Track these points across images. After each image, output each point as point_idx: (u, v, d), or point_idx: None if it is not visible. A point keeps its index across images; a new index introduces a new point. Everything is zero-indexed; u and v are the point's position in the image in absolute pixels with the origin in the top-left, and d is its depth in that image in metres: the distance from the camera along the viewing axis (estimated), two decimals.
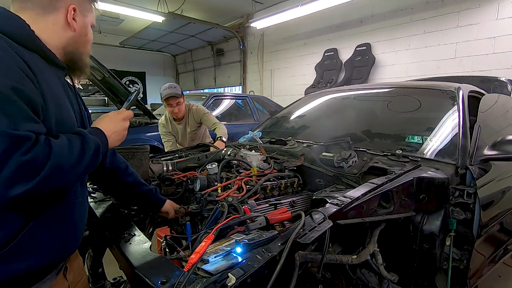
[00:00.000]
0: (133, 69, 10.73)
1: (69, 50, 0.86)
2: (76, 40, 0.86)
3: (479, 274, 1.52)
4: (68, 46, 0.85)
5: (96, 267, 1.51)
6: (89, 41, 0.92)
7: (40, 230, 0.74)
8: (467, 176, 1.30)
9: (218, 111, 4.89)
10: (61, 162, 0.66)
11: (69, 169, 0.68)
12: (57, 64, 0.83)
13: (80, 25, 0.86)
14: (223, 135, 2.48)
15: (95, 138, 0.77)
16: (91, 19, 0.91)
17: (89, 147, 0.74)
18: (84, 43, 0.90)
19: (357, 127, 1.93)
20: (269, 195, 1.36)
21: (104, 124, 0.86)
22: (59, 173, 0.66)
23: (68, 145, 0.69)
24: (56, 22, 0.81)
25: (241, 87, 8.80)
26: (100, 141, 0.79)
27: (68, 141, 0.70)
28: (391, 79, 5.36)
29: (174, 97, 2.56)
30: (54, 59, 0.81)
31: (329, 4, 5.15)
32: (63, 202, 0.80)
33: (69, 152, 0.68)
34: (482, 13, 4.29)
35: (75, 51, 0.88)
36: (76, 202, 0.85)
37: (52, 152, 0.64)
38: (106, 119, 0.89)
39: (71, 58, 0.88)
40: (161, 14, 6.29)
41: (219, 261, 0.74)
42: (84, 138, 0.74)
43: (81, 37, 0.88)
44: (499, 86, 2.84)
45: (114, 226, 1.11)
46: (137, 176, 1.21)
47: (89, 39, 0.92)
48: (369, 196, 1.04)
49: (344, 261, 0.93)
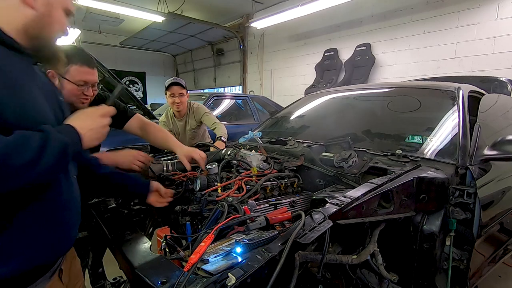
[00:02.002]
0: (133, 69, 10.73)
1: (32, 34, 0.76)
2: (37, 21, 0.76)
3: (479, 274, 1.52)
4: (29, 28, 0.75)
5: (96, 267, 1.51)
6: (55, 23, 0.80)
7: (16, 233, 0.70)
8: (467, 176, 1.30)
9: (218, 111, 4.89)
10: (6, 162, 0.59)
11: (21, 170, 0.62)
12: (18, 50, 0.74)
13: (42, 3, 0.76)
14: (223, 135, 2.48)
15: (62, 137, 0.70)
16: (62, 1, 0.81)
17: (52, 146, 0.66)
18: (49, 25, 0.79)
19: (357, 127, 1.93)
20: (269, 195, 1.35)
21: (79, 121, 0.78)
22: (5, 174, 0.59)
23: (19, 143, 0.62)
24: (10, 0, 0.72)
25: (241, 87, 8.80)
26: (69, 140, 0.71)
27: (21, 139, 0.62)
28: (391, 79, 5.36)
29: (178, 85, 2.58)
30: (13, 44, 0.72)
31: (329, 4, 5.15)
32: (42, 201, 0.74)
33: (19, 151, 0.61)
34: (482, 13, 4.29)
35: (39, 34, 0.77)
36: (60, 200, 0.79)
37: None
38: (82, 115, 0.81)
39: (37, 43, 0.78)
40: (161, 14, 6.30)
41: (219, 261, 0.74)
42: (47, 136, 0.66)
43: (44, 18, 0.77)
44: (499, 86, 2.84)
45: (114, 226, 1.11)
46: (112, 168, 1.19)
47: (54, 20, 0.80)
48: (369, 196, 1.04)
49: (344, 261, 0.93)
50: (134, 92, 9.73)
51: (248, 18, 7.67)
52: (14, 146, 0.61)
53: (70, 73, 1.29)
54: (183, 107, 2.70)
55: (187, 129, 2.82)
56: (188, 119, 2.80)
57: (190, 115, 2.79)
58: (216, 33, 8.44)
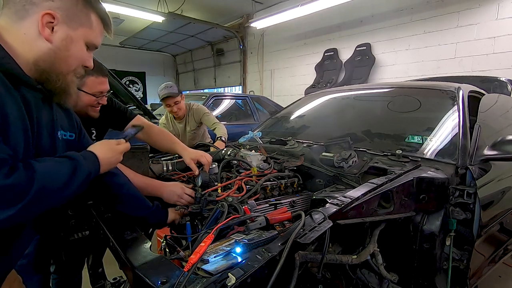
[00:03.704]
0: (133, 69, 10.74)
1: (42, 67, 0.72)
2: (51, 55, 0.72)
3: (479, 274, 1.52)
4: (40, 61, 0.72)
5: (96, 267, 1.51)
6: (71, 58, 0.77)
7: None
8: (467, 176, 1.30)
9: (218, 111, 4.89)
10: (47, 186, 0.62)
11: (55, 194, 0.65)
12: (24, 82, 0.70)
13: (60, 37, 0.73)
14: (222, 135, 2.48)
15: (88, 165, 0.75)
16: (85, 35, 0.78)
17: (81, 172, 0.71)
18: (63, 60, 0.75)
19: (357, 127, 1.93)
20: (269, 195, 1.35)
21: (102, 153, 0.84)
22: (44, 198, 0.62)
23: (56, 169, 0.66)
24: (29, 30, 0.69)
25: (241, 87, 8.80)
26: (92, 169, 0.77)
27: (56, 165, 0.67)
28: (391, 79, 5.36)
29: (170, 97, 2.56)
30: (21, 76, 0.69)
31: (329, 4, 5.16)
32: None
33: (56, 176, 0.65)
34: (482, 13, 4.29)
35: (50, 69, 0.74)
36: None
37: (35, 176, 0.60)
38: (107, 147, 0.87)
39: (45, 77, 0.74)
40: (161, 14, 6.30)
41: (219, 261, 0.74)
42: (77, 163, 0.72)
43: (60, 52, 0.73)
44: (499, 86, 2.84)
45: (114, 226, 1.11)
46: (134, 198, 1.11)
47: (71, 55, 0.76)
48: (369, 196, 1.04)
49: (344, 261, 0.93)
50: (134, 92, 9.72)
51: (248, 18, 7.67)
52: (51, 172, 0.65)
53: (87, 85, 1.27)
54: (181, 112, 2.71)
55: (187, 130, 2.82)
56: (188, 121, 2.80)
57: (189, 117, 2.79)
58: (216, 33, 8.44)
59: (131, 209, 1.12)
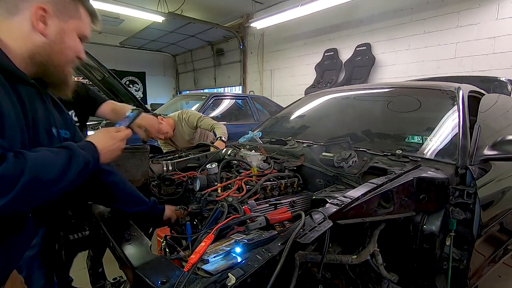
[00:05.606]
0: (133, 69, 10.73)
1: (38, 60, 0.73)
2: (46, 48, 0.74)
3: (479, 274, 1.52)
4: (36, 54, 0.73)
5: (96, 267, 1.51)
6: (67, 50, 0.78)
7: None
8: (467, 176, 1.30)
9: (218, 111, 4.89)
10: (39, 177, 0.61)
11: (50, 184, 0.64)
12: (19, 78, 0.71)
13: (54, 30, 0.74)
14: (222, 134, 2.48)
15: (85, 154, 0.73)
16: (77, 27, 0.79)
17: (77, 162, 0.70)
18: (59, 52, 0.76)
19: (357, 127, 1.93)
20: (269, 195, 1.36)
21: (101, 141, 0.82)
22: (38, 188, 0.62)
23: (49, 159, 0.65)
24: (21, 25, 0.70)
25: (241, 87, 8.80)
26: (90, 157, 0.75)
27: (50, 155, 0.66)
28: (391, 79, 5.36)
29: None
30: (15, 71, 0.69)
31: (329, 4, 5.16)
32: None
33: (50, 166, 0.64)
34: (482, 13, 4.29)
35: (47, 61, 0.75)
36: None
37: (26, 165, 0.59)
38: (106, 135, 0.85)
39: (43, 70, 0.76)
40: (161, 14, 6.30)
41: (219, 261, 0.74)
42: (72, 153, 0.70)
43: (55, 45, 0.75)
44: (499, 86, 2.84)
45: (114, 226, 1.11)
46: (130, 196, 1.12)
47: (67, 47, 0.78)
48: (369, 196, 1.04)
49: (344, 261, 0.93)
50: (134, 92, 9.71)
51: (248, 18, 7.67)
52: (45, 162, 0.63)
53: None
54: (169, 134, 2.68)
55: (187, 140, 2.78)
56: (183, 131, 2.76)
57: (183, 127, 2.74)
58: (216, 33, 8.44)
59: (128, 205, 1.12)
